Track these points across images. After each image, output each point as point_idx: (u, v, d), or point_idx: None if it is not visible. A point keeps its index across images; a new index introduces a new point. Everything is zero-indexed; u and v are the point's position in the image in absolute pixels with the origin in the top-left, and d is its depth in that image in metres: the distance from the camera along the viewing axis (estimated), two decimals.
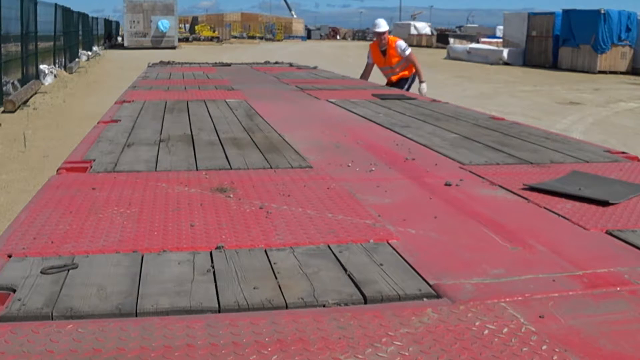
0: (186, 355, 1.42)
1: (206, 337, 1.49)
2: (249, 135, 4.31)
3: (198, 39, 68.19)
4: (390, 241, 2.22)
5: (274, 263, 1.99)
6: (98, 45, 45.59)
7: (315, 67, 12.20)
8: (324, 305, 1.70)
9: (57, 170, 3.17)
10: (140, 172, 3.18)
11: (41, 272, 1.87)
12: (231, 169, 3.31)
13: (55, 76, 22.18)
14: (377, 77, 10.12)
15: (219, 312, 1.66)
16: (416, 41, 63.92)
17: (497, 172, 3.31)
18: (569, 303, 1.74)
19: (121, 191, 2.78)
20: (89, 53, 36.45)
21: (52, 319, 1.60)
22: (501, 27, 45.36)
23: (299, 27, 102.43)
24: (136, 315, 1.63)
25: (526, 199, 2.82)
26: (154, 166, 3.33)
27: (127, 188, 2.84)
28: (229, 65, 12.60)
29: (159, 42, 51.31)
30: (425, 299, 1.77)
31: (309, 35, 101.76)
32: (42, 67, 21.33)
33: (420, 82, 9.62)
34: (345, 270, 1.94)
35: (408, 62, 9.74)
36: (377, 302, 1.74)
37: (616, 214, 2.59)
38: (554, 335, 1.54)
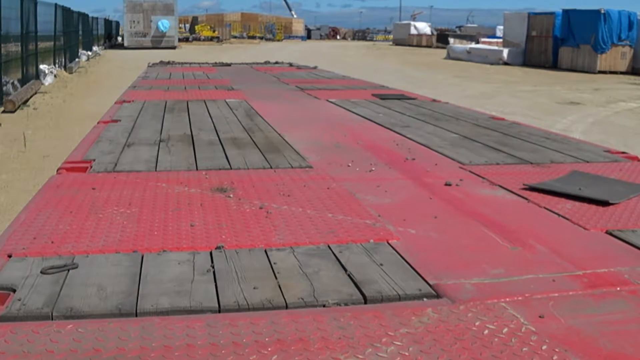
0: (186, 355, 1.42)
1: (206, 337, 1.49)
2: (249, 135, 4.31)
3: (198, 39, 68.16)
4: (390, 241, 2.22)
5: (274, 263, 1.99)
6: (98, 45, 45.56)
7: (315, 67, 12.21)
8: (324, 305, 1.71)
9: (57, 170, 3.17)
10: (140, 172, 3.18)
11: (41, 272, 1.87)
12: (231, 169, 3.31)
13: (55, 76, 22.16)
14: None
15: (219, 312, 1.67)
16: (416, 41, 63.91)
17: (497, 172, 3.31)
18: (569, 303, 1.74)
19: (121, 191, 2.78)
20: (89, 53, 36.43)
21: (52, 319, 1.60)
22: (501, 27, 45.35)
23: (299, 27, 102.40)
24: (136, 315, 1.63)
25: (526, 199, 2.82)
26: (154, 166, 3.33)
27: (127, 188, 2.84)
28: (229, 65, 12.62)
29: (159, 42, 51.29)
30: (425, 299, 1.77)
31: (309, 35, 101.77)
32: (42, 67, 21.31)
33: None
34: (345, 270, 1.94)
35: None
36: (377, 302, 1.74)
37: (616, 214, 2.59)
38: (554, 335, 1.54)
